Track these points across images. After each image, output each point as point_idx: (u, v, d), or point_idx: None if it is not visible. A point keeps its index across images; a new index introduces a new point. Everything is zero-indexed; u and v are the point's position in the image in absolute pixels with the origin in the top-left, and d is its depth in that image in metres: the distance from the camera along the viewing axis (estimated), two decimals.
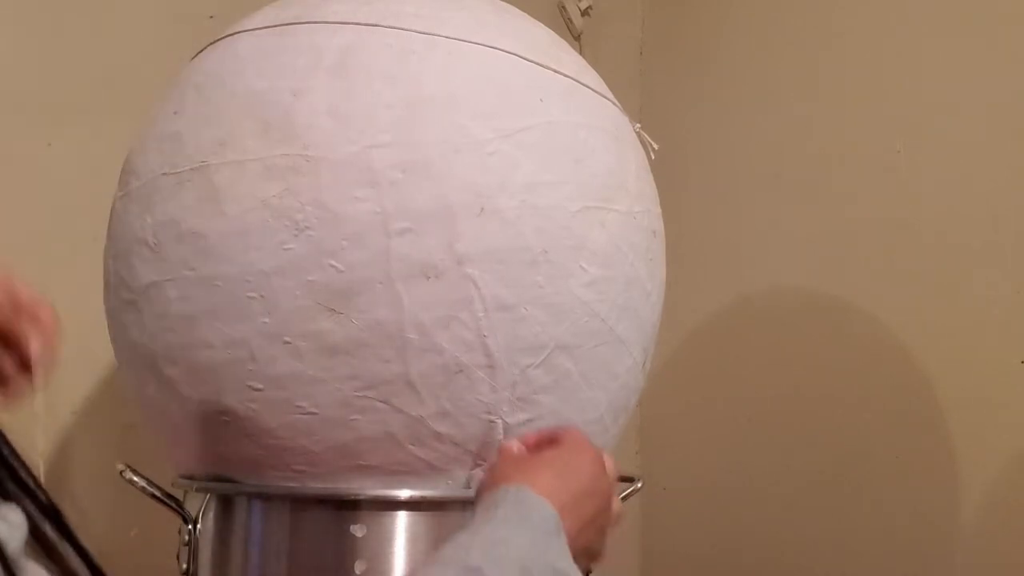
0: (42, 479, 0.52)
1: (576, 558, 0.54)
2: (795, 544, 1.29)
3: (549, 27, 0.87)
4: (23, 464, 0.46)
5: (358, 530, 0.70)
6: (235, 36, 0.78)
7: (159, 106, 0.79)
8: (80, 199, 1.10)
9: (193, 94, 0.76)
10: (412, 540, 0.71)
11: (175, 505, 0.76)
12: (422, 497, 0.72)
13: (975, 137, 1.14)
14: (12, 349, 0.54)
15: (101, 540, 1.21)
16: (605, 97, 0.83)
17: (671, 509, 1.49)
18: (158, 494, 0.76)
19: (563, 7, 1.60)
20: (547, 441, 0.63)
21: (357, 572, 0.69)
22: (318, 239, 0.67)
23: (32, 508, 0.43)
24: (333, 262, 0.67)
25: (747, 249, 1.42)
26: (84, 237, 1.04)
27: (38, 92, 1.12)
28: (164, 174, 0.73)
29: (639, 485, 0.86)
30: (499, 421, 0.72)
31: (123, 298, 0.76)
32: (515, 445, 0.64)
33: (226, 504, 0.75)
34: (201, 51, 0.81)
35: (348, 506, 0.71)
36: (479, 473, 0.73)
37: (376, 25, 0.74)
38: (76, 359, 1.12)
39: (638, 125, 0.87)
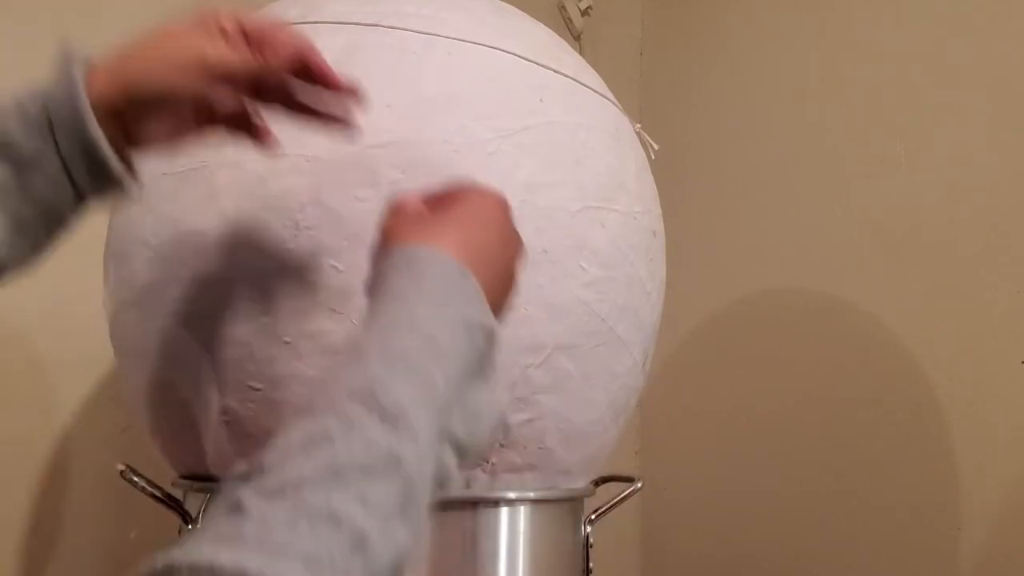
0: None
1: (493, 312, 0.49)
2: (795, 544, 1.29)
3: (549, 27, 0.87)
4: None
5: None
6: None
7: None
8: None
9: None
10: None
11: (175, 505, 0.76)
12: None
13: (976, 138, 1.14)
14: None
15: (101, 540, 1.22)
16: (605, 97, 0.83)
17: (671, 509, 1.49)
18: (158, 494, 0.76)
19: (563, 7, 1.60)
20: (444, 197, 0.55)
21: None
22: (318, 239, 0.67)
23: None
24: (333, 262, 0.67)
25: (747, 249, 1.42)
26: (84, 237, 1.04)
27: None
28: (164, 174, 0.73)
29: (639, 485, 0.86)
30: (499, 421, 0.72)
31: (123, 298, 0.76)
32: (411, 201, 0.54)
33: None
34: None
35: None
36: (479, 473, 0.73)
37: (376, 25, 0.74)
38: (76, 359, 1.13)
39: (638, 125, 0.87)
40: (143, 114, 0.53)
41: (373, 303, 0.46)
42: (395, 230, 0.50)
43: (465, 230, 0.50)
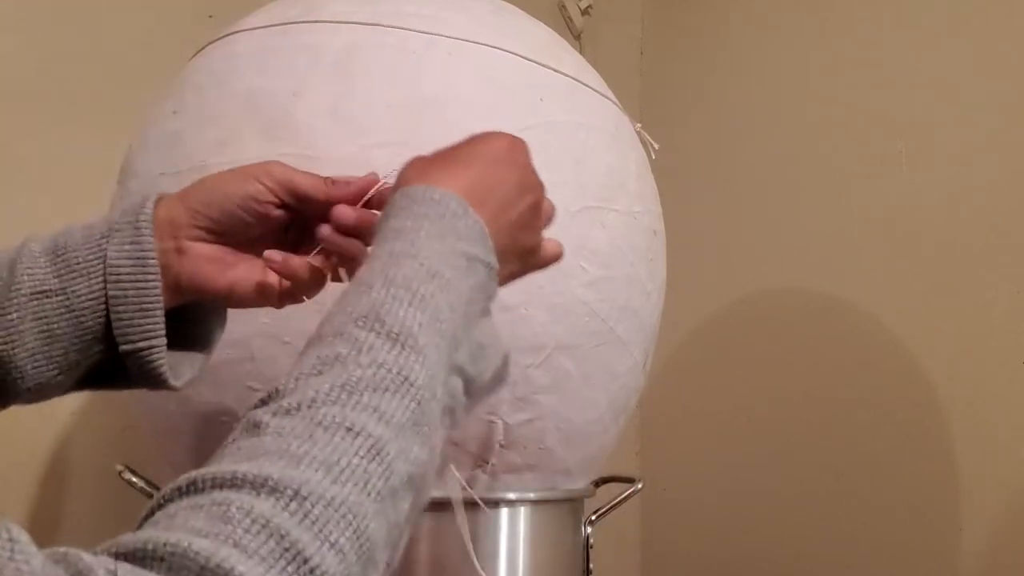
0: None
1: (504, 257, 0.49)
2: (795, 544, 1.29)
3: (549, 27, 0.87)
4: None
5: None
6: (235, 35, 0.78)
7: (159, 106, 0.79)
8: (80, 199, 1.10)
9: (193, 94, 0.75)
10: (412, 540, 0.71)
11: None
12: None
13: (976, 138, 1.14)
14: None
15: (100, 541, 1.21)
16: (605, 97, 0.83)
17: (671, 509, 1.49)
18: None
19: (563, 7, 1.59)
20: (459, 143, 0.53)
21: None
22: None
23: None
24: None
25: (747, 249, 1.42)
26: None
27: (38, 92, 1.12)
28: (163, 174, 0.73)
29: (639, 486, 0.86)
30: (499, 421, 0.71)
31: None
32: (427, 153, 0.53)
33: None
34: (201, 50, 0.81)
35: None
36: (479, 473, 0.73)
37: (376, 25, 0.74)
38: None
39: (638, 125, 0.87)
40: (200, 225, 0.52)
41: (376, 242, 0.46)
42: (404, 176, 0.50)
43: (472, 169, 0.49)
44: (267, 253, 0.52)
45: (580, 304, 0.73)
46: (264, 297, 0.54)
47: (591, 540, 0.82)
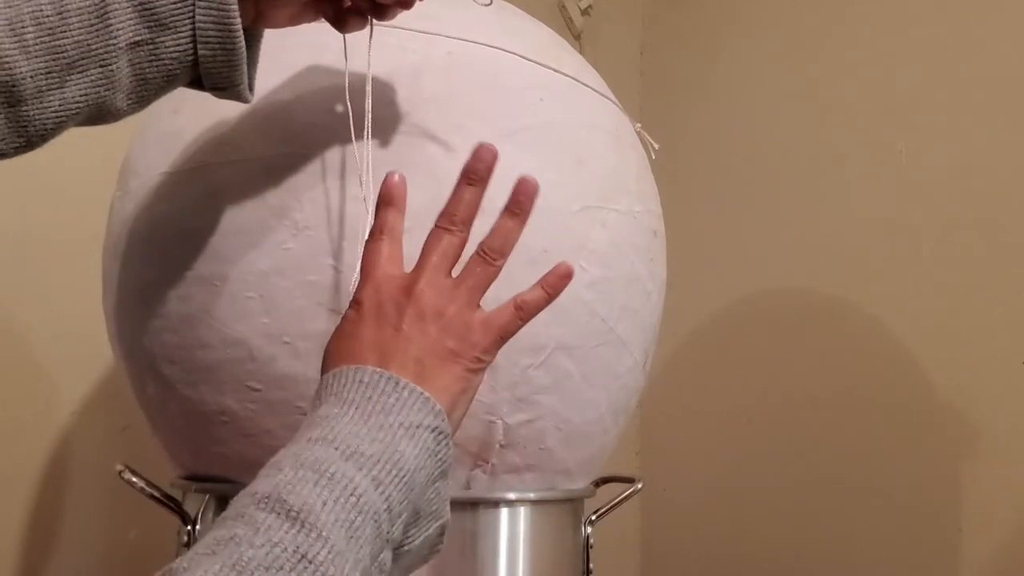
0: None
1: (454, 391, 0.50)
2: (795, 544, 1.29)
3: (549, 26, 0.87)
4: None
5: None
6: None
7: (159, 105, 0.79)
8: (80, 199, 1.10)
9: (193, 92, 0.75)
10: None
11: (174, 506, 0.76)
12: None
13: (976, 137, 1.14)
14: None
15: (100, 541, 1.22)
16: (605, 96, 0.83)
17: (671, 509, 1.49)
18: (157, 495, 0.76)
19: (563, 6, 1.59)
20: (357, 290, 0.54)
21: None
22: (317, 239, 0.67)
23: None
24: (333, 262, 0.67)
25: (747, 249, 1.42)
26: (84, 237, 1.04)
27: None
28: (163, 173, 0.73)
29: (639, 486, 0.86)
30: (499, 421, 0.71)
31: (122, 298, 0.76)
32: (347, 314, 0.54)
33: (225, 505, 0.75)
34: None
35: None
36: (479, 473, 0.73)
37: (377, 24, 0.73)
38: (76, 359, 1.13)
39: (638, 125, 0.87)
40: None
41: (302, 427, 0.47)
42: (328, 352, 0.53)
43: (378, 330, 0.51)
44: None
45: (580, 304, 0.73)
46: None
47: (591, 540, 0.82)
